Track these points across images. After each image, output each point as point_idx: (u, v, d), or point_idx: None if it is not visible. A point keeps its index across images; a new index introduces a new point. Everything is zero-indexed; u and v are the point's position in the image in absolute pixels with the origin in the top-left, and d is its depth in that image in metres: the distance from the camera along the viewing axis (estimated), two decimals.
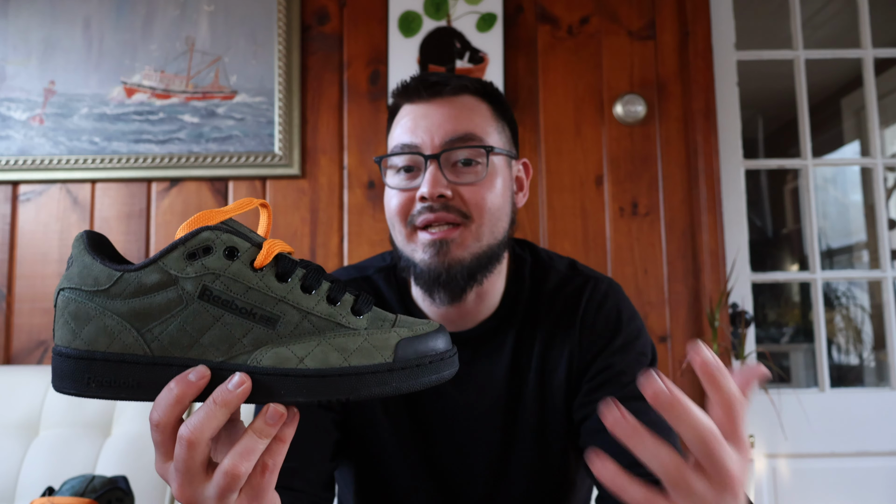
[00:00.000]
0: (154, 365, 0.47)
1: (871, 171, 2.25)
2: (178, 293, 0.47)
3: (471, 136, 0.86)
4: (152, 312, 0.47)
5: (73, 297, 0.48)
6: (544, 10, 2.08)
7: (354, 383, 0.47)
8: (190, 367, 0.47)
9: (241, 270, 0.48)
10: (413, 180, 0.86)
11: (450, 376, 0.51)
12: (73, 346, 0.47)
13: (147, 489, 1.56)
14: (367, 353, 0.48)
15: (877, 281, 2.26)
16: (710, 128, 2.00)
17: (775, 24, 2.49)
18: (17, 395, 1.68)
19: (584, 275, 0.95)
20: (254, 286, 0.48)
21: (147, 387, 0.47)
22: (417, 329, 0.50)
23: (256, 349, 0.47)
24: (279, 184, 2.02)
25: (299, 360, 0.47)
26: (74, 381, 0.47)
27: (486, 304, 0.91)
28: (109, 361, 0.47)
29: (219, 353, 0.47)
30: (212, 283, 0.47)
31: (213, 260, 0.47)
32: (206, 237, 0.48)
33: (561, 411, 0.90)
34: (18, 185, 2.04)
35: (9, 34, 2.07)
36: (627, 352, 0.88)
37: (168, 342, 0.47)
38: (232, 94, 2.02)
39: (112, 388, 0.47)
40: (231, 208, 0.50)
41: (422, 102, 0.88)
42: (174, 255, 0.47)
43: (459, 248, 0.84)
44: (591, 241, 2.00)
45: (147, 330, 0.47)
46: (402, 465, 0.91)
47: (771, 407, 1.94)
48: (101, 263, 0.47)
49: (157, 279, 0.47)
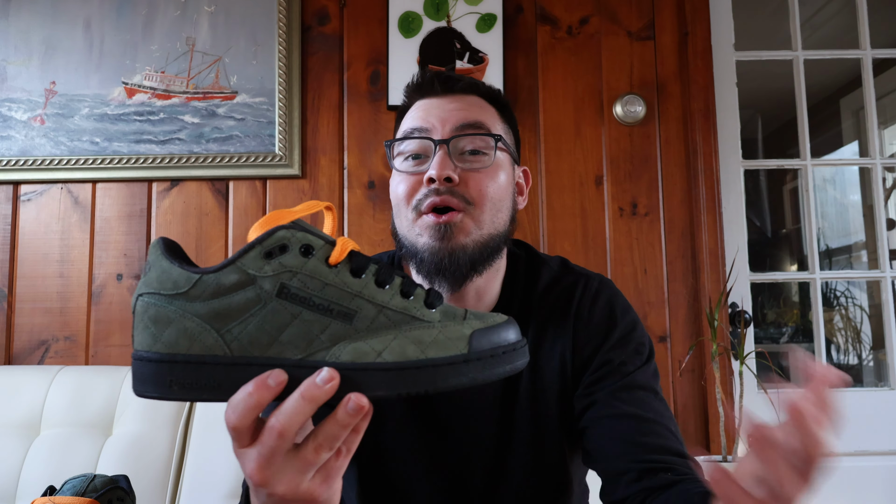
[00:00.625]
0: (234, 365, 0.47)
1: (869, 172, 2.26)
2: (257, 292, 0.47)
3: (480, 125, 0.88)
4: (231, 313, 0.47)
5: (152, 301, 0.48)
6: (544, 11, 2.08)
7: (432, 375, 0.47)
8: (270, 366, 0.47)
9: (317, 267, 0.48)
10: (421, 166, 0.88)
11: (522, 366, 0.51)
12: (155, 350, 0.47)
13: (148, 489, 1.56)
14: (442, 345, 0.48)
15: (875, 281, 2.27)
16: (709, 128, 2.01)
17: (774, 24, 2.49)
18: (18, 394, 1.68)
19: (576, 272, 0.97)
20: (330, 282, 0.48)
21: (228, 387, 0.47)
22: (489, 321, 0.51)
23: (335, 345, 0.48)
24: (279, 184, 2.03)
25: (377, 353, 0.47)
26: (157, 384, 0.47)
27: (483, 302, 0.93)
28: (190, 363, 0.47)
29: (298, 351, 0.47)
30: (289, 280, 0.47)
31: (289, 258, 0.48)
32: (281, 236, 0.48)
33: (554, 407, 0.90)
34: (19, 186, 2.04)
35: (10, 35, 2.07)
36: (625, 345, 0.89)
37: (248, 342, 0.47)
38: (232, 95, 2.03)
39: (194, 390, 0.47)
40: (300, 209, 0.50)
41: (434, 97, 0.91)
42: (251, 254, 0.47)
43: (462, 233, 0.85)
44: (591, 241, 2.00)
45: (227, 330, 0.47)
46: (404, 462, 0.92)
47: (770, 407, 1.95)
48: (179, 267, 0.48)
49: (236, 279, 0.47)
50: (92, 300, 1.99)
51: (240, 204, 2.02)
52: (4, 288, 2.00)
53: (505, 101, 0.95)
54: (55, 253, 2.01)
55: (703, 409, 1.94)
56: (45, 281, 2.00)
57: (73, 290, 1.99)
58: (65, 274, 2.00)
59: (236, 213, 2.02)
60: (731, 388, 1.92)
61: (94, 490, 1.08)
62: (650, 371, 0.89)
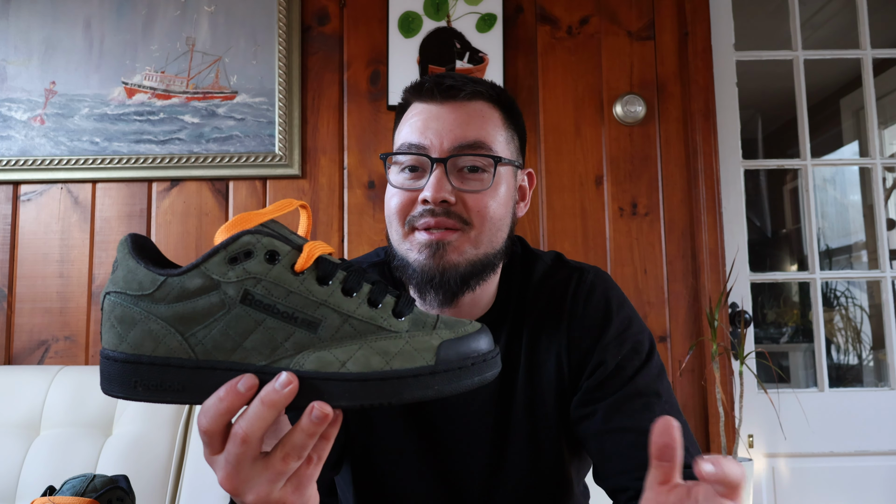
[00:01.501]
0: (199, 369, 0.47)
1: (869, 172, 2.26)
2: (221, 297, 0.47)
3: (480, 145, 0.85)
4: (196, 317, 0.47)
5: (118, 300, 0.48)
6: (544, 11, 2.08)
7: (396, 387, 0.47)
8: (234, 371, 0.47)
9: (281, 274, 0.47)
10: (417, 181, 0.85)
11: (492, 377, 0.50)
12: (120, 350, 0.47)
13: (148, 489, 1.56)
14: (408, 356, 0.48)
15: (876, 281, 2.27)
16: (709, 128, 2.01)
17: (774, 24, 2.49)
18: (18, 394, 1.68)
19: (570, 266, 0.94)
20: (295, 290, 0.47)
21: (192, 390, 0.47)
22: (459, 330, 0.50)
23: (299, 353, 0.47)
24: (279, 184, 2.03)
25: (341, 363, 0.47)
26: (122, 384, 0.47)
27: (479, 306, 0.91)
28: (155, 365, 0.47)
29: (262, 357, 0.47)
30: (253, 287, 0.47)
31: (254, 264, 0.47)
32: (246, 241, 0.47)
33: (552, 407, 0.89)
34: (19, 186, 2.04)
35: (10, 35, 2.07)
36: (622, 343, 0.87)
37: (212, 346, 0.47)
38: (232, 95, 2.03)
39: (158, 392, 0.47)
40: (270, 210, 0.50)
41: (434, 103, 0.87)
42: (216, 259, 0.47)
43: (455, 252, 0.83)
44: (591, 241, 2.00)
45: (191, 334, 0.47)
46: (397, 464, 0.91)
47: (770, 407, 1.95)
48: (144, 268, 0.48)
49: (200, 284, 0.47)
50: (92, 300, 1.99)
51: (240, 204, 2.02)
52: (4, 288, 2.00)
53: (510, 100, 0.92)
54: (55, 253, 2.01)
55: (703, 409, 1.94)
56: (44, 281, 2.00)
57: (73, 290, 1.99)
58: (65, 274, 2.00)
59: (236, 213, 2.02)
60: (731, 388, 1.92)
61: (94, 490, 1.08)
62: (652, 371, 0.86)
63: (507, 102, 0.91)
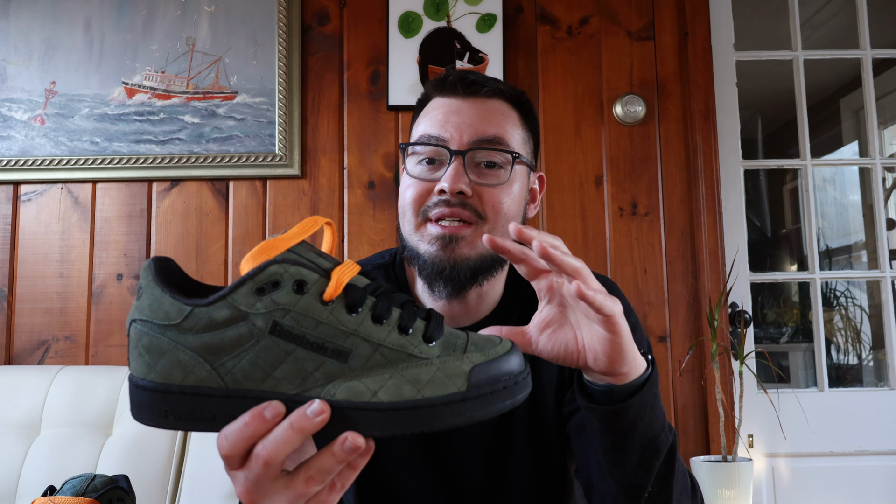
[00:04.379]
0: (229, 398, 0.47)
1: (869, 172, 2.26)
2: (249, 328, 0.46)
3: (499, 140, 0.86)
4: (224, 347, 0.46)
5: (145, 329, 0.47)
6: (544, 11, 2.08)
7: (428, 416, 0.47)
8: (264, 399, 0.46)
9: (310, 305, 0.47)
10: (434, 172, 0.87)
11: (523, 399, 0.50)
12: (149, 379, 0.47)
13: (148, 489, 1.56)
14: (440, 383, 0.47)
15: (875, 281, 2.27)
16: (709, 128, 2.01)
17: (774, 24, 2.50)
18: (18, 394, 1.68)
19: None
20: (324, 320, 0.47)
21: (223, 419, 0.47)
22: (490, 352, 0.50)
23: (329, 382, 0.47)
24: (279, 184, 2.03)
25: (373, 393, 0.47)
26: (152, 413, 0.47)
27: (486, 304, 0.92)
28: (185, 395, 0.47)
29: (292, 387, 0.47)
30: (282, 318, 0.46)
31: (282, 295, 0.46)
32: (273, 271, 0.47)
33: (552, 407, 0.89)
34: (20, 186, 2.04)
35: (10, 35, 2.07)
36: None
37: (241, 375, 0.47)
38: (232, 95, 2.03)
39: (190, 421, 0.47)
40: (295, 233, 0.49)
41: (456, 98, 0.88)
42: (243, 290, 0.46)
43: (468, 246, 0.84)
44: (591, 241, 2.00)
45: (220, 364, 0.46)
46: (398, 466, 0.91)
47: (770, 407, 1.95)
48: (170, 297, 0.47)
49: (228, 315, 0.46)
50: (92, 300, 1.99)
51: (240, 204, 2.02)
52: (4, 288, 2.00)
53: (528, 103, 0.93)
54: (55, 253, 2.01)
55: (703, 409, 1.94)
56: (45, 281, 2.00)
57: (73, 290, 1.99)
58: (65, 274, 2.00)
59: (236, 213, 2.02)
60: (731, 388, 1.92)
61: (94, 490, 1.08)
62: None
63: (526, 105, 0.93)
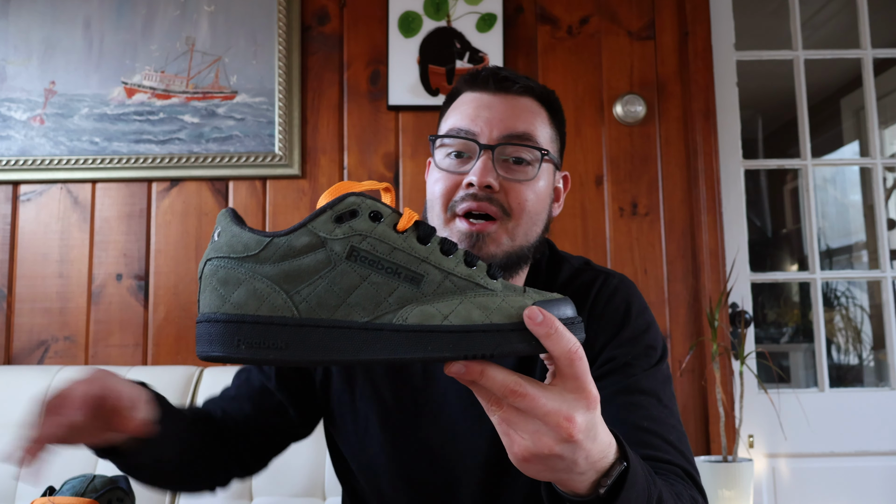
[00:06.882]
0: (301, 326, 0.48)
1: (870, 172, 2.26)
2: (327, 254, 0.48)
3: (528, 137, 0.87)
4: (301, 274, 0.48)
5: (221, 264, 0.49)
6: (544, 11, 2.08)
7: (497, 339, 0.49)
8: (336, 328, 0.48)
9: (385, 232, 0.50)
10: (463, 166, 0.87)
11: (581, 340, 0.52)
12: (223, 311, 0.48)
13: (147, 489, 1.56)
14: (506, 312, 0.50)
15: (876, 281, 2.27)
16: (709, 128, 2.01)
17: (775, 24, 2.49)
18: (17, 395, 1.68)
19: (596, 270, 0.96)
20: (398, 247, 0.49)
21: (295, 348, 0.48)
22: (548, 296, 0.52)
23: (402, 307, 0.49)
24: (279, 184, 2.03)
25: (444, 317, 0.49)
26: (224, 343, 0.48)
27: None
28: (259, 324, 0.48)
29: (365, 313, 0.49)
30: (359, 243, 0.49)
31: (359, 222, 0.49)
32: (352, 201, 0.49)
33: None
34: (19, 186, 2.04)
35: (9, 34, 2.07)
36: (635, 344, 0.87)
37: (316, 303, 0.48)
38: (232, 95, 2.03)
39: (262, 349, 0.48)
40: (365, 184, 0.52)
41: (487, 93, 0.89)
42: (322, 218, 0.49)
43: (493, 243, 0.85)
44: (591, 241, 2.00)
45: (296, 292, 0.48)
46: (402, 466, 0.91)
47: (771, 407, 1.95)
48: (249, 231, 0.49)
49: (307, 242, 0.48)
50: (91, 300, 1.99)
51: (240, 204, 2.02)
52: (4, 288, 2.00)
53: (558, 104, 0.94)
54: (55, 253, 2.01)
55: (703, 409, 1.94)
56: (44, 281, 2.00)
57: (73, 290, 1.99)
58: (64, 274, 2.00)
59: None
60: (732, 388, 1.92)
61: (94, 490, 1.08)
62: (659, 376, 0.87)
63: (555, 104, 0.94)
